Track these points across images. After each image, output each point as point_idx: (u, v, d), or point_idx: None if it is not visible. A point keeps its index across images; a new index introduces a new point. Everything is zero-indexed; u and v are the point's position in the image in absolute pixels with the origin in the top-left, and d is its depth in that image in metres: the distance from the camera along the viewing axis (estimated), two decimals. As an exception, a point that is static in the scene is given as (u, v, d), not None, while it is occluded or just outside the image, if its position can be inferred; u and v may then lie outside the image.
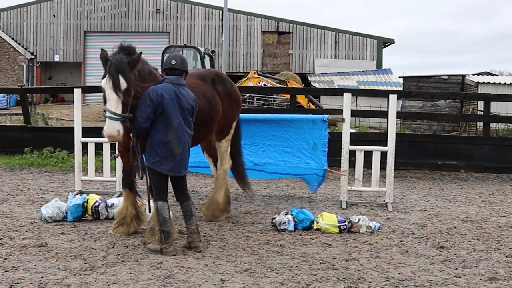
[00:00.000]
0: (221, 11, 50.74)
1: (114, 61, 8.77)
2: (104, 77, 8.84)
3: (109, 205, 11.00)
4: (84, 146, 13.52)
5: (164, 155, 8.85)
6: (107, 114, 8.70)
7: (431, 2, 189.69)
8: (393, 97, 13.16)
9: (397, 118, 13.67)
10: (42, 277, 7.64)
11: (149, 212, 9.67)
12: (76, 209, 10.82)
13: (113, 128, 8.65)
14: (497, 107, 30.18)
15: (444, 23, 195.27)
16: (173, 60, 9.28)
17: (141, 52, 9.10)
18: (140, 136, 8.98)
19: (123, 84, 8.69)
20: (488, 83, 35.77)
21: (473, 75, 39.26)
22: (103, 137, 8.93)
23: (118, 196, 12.30)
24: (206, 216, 11.20)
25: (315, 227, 10.54)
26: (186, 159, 9.16)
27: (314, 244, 9.64)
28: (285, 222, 10.46)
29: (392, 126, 12.97)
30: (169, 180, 9.17)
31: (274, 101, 39.37)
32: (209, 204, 11.22)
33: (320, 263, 8.54)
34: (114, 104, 8.69)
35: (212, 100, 10.61)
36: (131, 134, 8.91)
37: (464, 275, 8.15)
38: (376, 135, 20.07)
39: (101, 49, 9.14)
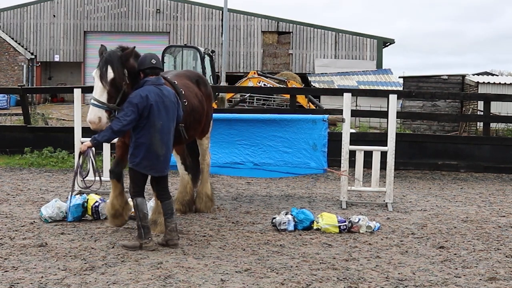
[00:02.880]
0: (221, 11, 50.66)
1: (105, 54, 9.16)
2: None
3: (109, 205, 10.98)
4: (84, 146, 13.52)
5: (148, 156, 9.05)
6: (91, 101, 9.03)
7: (432, 3, 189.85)
8: (393, 97, 13.16)
9: (397, 118, 13.68)
10: (42, 277, 7.63)
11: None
12: (76, 209, 10.84)
13: (94, 114, 8.93)
14: (497, 107, 30.15)
15: (445, 24, 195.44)
16: (153, 60, 9.36)
17: (134, 47, 9.40)
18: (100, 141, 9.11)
19: (110, 74, 9.01)
20: (488, 83, 35.74)
21: (473, 75, 39.23)
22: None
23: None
24: (201, 210, 11.79)
25: (315, 227, 10.54)
26: (169, 159, 9.44)
27: (314, 244, 9.63)
28: (285, 222, 10.46)
29: (392, 126, 12.97)
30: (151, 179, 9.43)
31: (274, 101, 39.35)
32: (200, 198, 11.81)
33: (320, 263, 8.54)
34: (99, 92, 9.02)
35: (202, 100, 11.09)
36: (87, 144, 9.08)
37: (464, 275, 8.14)
38: (376, 135, 20.10)
39: (101, 45, 9.53)
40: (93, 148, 9.31)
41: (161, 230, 9.85)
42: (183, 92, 10.29)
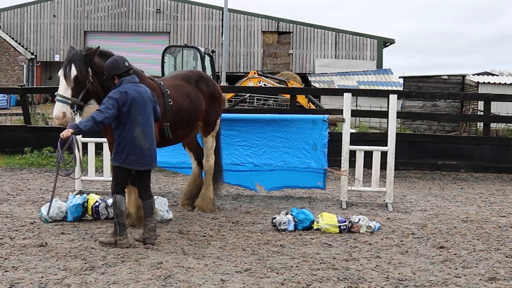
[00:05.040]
0: (221, 11, 50.57)
1: (69, 54, 9.57)
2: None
3: (109, 205, 10.97)
4: (84, 146, 13.56)
5: (133, 151, 9.26)
6: (56, 97, 9.42)
7: (433, 4, 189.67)
8: (393, 97, 13.17)
9: (397, 118, 13.68)
10: (42, 277, 7.63)
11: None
12: (76, 209, 10.84)
13: (59, 110, 9.35)
14: (497, 107, 30.06)
15: (446, 24, 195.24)
16: (126, 62, 9.59)
17: (99, 47, 9.85)
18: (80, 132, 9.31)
19: (73, 72, 9.41)
20: (488, 83, 35.67)
21: (473, 75, 39.16)
22: (103, 136, 9.23)
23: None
24: (203, 210, 11.90)
25: (315, 227, 10.55)
26: (155, 153, 9.60)
27: (314, 244, 9.64)
28: (285, 222, 10.46)
29: (392, 126, 12.97)
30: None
31: (274, 101, 39.32)
32: (203, 199, 11.93)
33: (320, 263, 8.54)
34: (63, 88, 9.44)
35: (197, 100, 11.28)
36: (70, 130, 9.10)
37: (464, 275, 8.14)
38: (376, 135, 20.05)
39: (70, 46, 10.19)
40: (76, 136, 9.36)
41: (132, 223, 10.27)
42: (169, 92, 10.58)
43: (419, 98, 33.47)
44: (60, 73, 9.52)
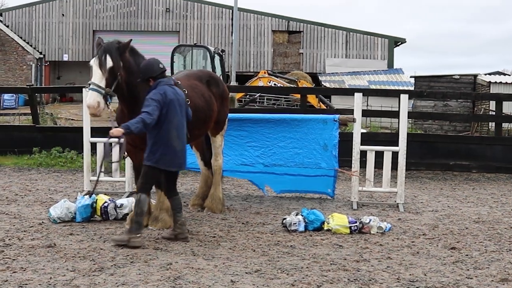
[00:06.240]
0: (231, 10, 50.53)
1: (104, 44, 9.58)
2: (93, 57, 9.66)
3: (118, 206, 10.98)
4: (93, 146, 13.49)
5: (168, 152, 9.39)
6: (90, 86, 9.37)
7: (445, 4, 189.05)
8: (404, 97, 13.10)
9: (408, 118, 13.60)
10: (50, 278, 7.59)
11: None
12: (85, 209, 10.80)
13: (93, 99, 9.28)
14: (509, 107, 29.97)
15: (457, 25, 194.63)
16: (160, 64, 9.73)
17: (131, 40, 9.86)
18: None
19: (109, 62, 9.44)
20: (500, 82, 35.58)
21: (485, 74, 39.03)
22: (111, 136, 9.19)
23: (128, 197, 12.28)
24: (212, 211, 11.86)
25: (325, 228, 10.50)
26: (186, 155, 9.80)
27: (324, 245, 9.59)
28: (295, 223, 10.42)
29: (404, 126, 12.91)
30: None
31: (285, 101, 39.27)
32: (212, 199, 11.93)
33: (331, 264, 8.49)
34: (98, 77, 9.40)
35: (209, 100, 11.28)
36: (120, 130, 9.12)
37: (476, 276, 8.08)
38: (387, 135, 19.98)
39: (98, 37, 10.11)
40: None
41: (162, 226, 10.30)
42: (186, 92, 10.47)
43: (430, 98, 33.39)
44: (94, 62, 9.50)
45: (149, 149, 9.39)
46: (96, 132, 14.71)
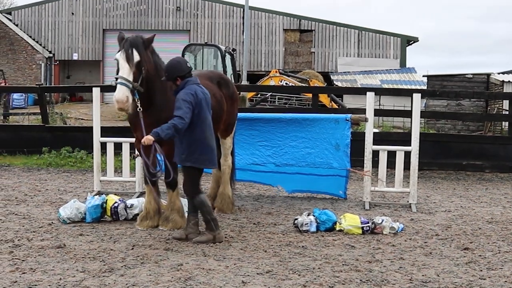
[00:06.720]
0: (242, 9, 50.46)
1: (130, 38, 9.55)
2: (118, 51, 9.57)
3: (129, 206, 10.94)
4: (103, 146, 13.49)
5: (205, 151, 9.50)
6: (119, 80, 9.32)
7: (457, 3, 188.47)
8: (417, 96, 13.04)
9: (421, 117, 13.53)
10: (60, 279, 7.56)
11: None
12: (95, 210, 10.77)
13: (123, 93, 9.25)
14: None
15: (470, 23, 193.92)
16: (188, 64, 9.77)
17: (154, 35, 10.01)
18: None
19: (136, 56, 9.45)
20: (514, 81, 35.42)
21: (498, 73, 38.86)
22: (121, 136, 9.18)
23: (138, 197, 12.26)
24: (222, 211, 11.83)
25: (337, 228, 10.46)
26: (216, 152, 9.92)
27: (336, 245, 9.55)
28: (307, 223, 10.38)
29: (416, 125, 12.84)
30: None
31: (296, 100, 39.21)
32: (222, 199, 11.92)
33: (343, 264, 8.45)
34: (127, 72, 9.37)
35: (220, 100, 11.29)
36: (150, 138, 9.14)
37: (489, 277, 8.04)
38: (399, 135, 19.93)
39: (120, 31, 10.05)
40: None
41: (173, 226, 10.27)
42: None
43: (443, 97, 33.19)
44: (121, 56, 9.47)
45: (187, 150, 9.41)
46: (106, 132, 14.70)
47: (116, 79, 9.43)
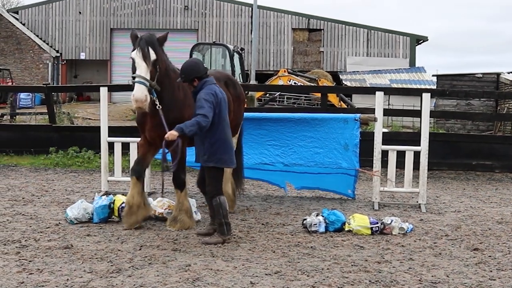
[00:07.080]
0: (250, 8, 50.46)
1: (144, 36, 9.56)
2: (134, 50, 9.55)
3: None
4: (111, 146, 13.47)
5: (226, 151, 9.57)
6: (136, 79, 9.30)
7: (467, 2, 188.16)
8: (426, 96, 13.01)
9: (430, 117, 13.51)
10: (67, 279, 7.55)
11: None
12: (103, 210, 10.75)
13: (142, 92, 9.26)
14: (532, 106, 29.80)
15: (480, 23, 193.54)
16: (204, 64, 9.83)
17: (168, 33, 10.07)
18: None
19: (153, 55, 9.50)
20: (524, 81, 35.29)
21: (508, 73, 38.69)
22: (128, 136, 9.16)
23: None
24: None
25: (346, 229, 10.43)
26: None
27: (345, 246, 9.52)
28: (316, 224, 10.35)
29: (426, 125, 12.80)
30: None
31: (305, 99, 39.16)
32: None
33: (352, 265, 8.43)
34: (144, 70, 9.38)
35: (228, 101, 11.10)
36: (175, 133, 9.14)
37: (499, 278, 8.02)
38: (409, 135, 19.88)
39: (132, 29, 10.11)
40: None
41: (181, 227, 10.26)
42: None
43: (452, 96, 33.00)
44: (137, 54, 9.46)
45: (208, 150, 9.46)
46: (114, 131, 14.69)
47: (133, 78, 9.41)
